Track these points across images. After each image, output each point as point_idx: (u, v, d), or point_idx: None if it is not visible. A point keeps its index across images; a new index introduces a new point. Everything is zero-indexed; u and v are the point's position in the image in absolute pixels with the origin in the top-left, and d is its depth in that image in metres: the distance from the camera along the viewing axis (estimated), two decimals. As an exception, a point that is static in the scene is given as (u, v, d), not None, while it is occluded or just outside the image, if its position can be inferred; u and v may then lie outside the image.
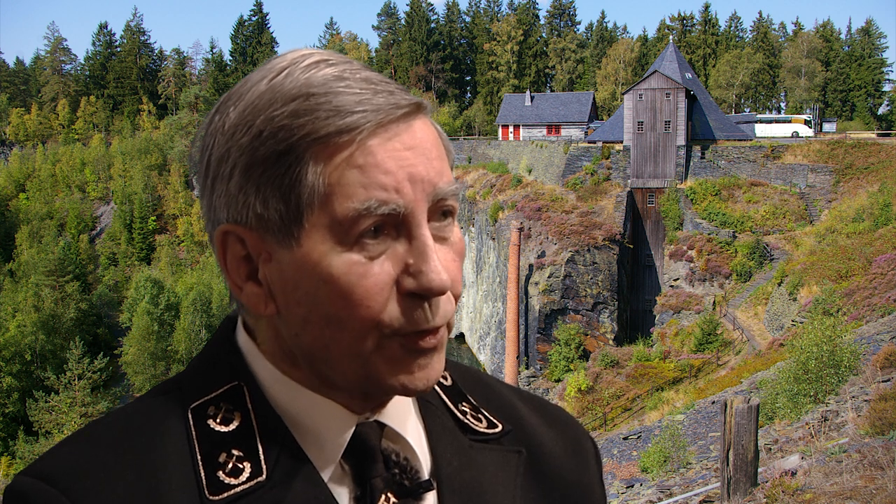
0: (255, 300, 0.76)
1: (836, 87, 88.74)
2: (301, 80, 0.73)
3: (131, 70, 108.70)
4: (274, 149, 0.71)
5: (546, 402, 0.99)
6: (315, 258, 0.72)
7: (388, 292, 0.73)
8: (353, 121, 0.71)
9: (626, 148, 48.76)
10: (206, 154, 0.77)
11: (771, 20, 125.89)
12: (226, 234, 0.76)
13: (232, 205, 0.75)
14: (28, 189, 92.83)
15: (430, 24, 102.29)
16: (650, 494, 11.33)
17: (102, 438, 0.77)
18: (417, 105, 0.75)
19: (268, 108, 0.72)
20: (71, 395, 48.63)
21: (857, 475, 6.59)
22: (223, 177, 0.75)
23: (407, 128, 0.73)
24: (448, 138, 0.81)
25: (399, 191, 0.71)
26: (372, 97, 0.72)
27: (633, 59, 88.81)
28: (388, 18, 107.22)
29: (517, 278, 43.63)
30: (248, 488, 0.74)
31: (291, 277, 0.73)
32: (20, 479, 0.74)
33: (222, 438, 0.76)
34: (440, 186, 0.75)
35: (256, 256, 0.76)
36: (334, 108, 0.71)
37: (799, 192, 45.09)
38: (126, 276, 76.92)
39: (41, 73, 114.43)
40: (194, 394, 0.79)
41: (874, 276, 29.20)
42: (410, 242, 0.73)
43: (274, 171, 0.72)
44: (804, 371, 13.76)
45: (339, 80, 0.73)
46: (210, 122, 0.77)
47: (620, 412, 31.59)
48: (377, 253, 0.72)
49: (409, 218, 0.72)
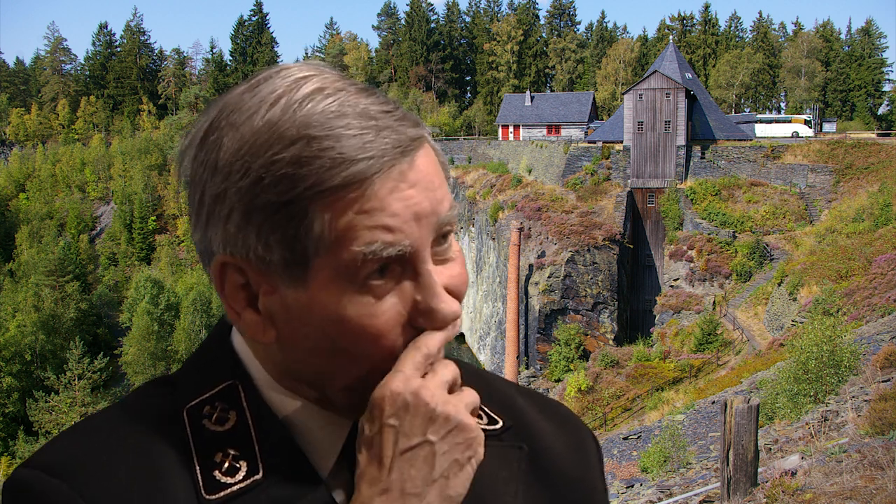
0: (254, 328, 0.75)
1: (836, 87, 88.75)
2: (298, 118, 0.69)
3: (131, 70, 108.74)
4: (277, 198, 0.69)
5: (547, 399, 0.98)
6: (324, 300, 0.71)
7: (399, 329, 0.73)
8: (360, 171, 0.69)
9: (626, 148, 48.76)
10: (200, 189, 0.73)
11: (771, 20, 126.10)
12: (224, 266, 0.74)
13: (230, 242, 0.72)
14: (28, 189, 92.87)
15: (430, 24, 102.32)
16: (650, 494, 11.33)
17: (100, 432, 0.76)
18: (420, 140, 0.74)
19: (266, 150, 0.69)
20: (71, 395, 48.64)
21: (857, 475, 6.59)
22: (220, 216, 0.72)
23: (410, 164, 0.72)
24: (443, 153, 0.79)
25: (405, 231, 0.71)
26: (375, 138, 0.70)
27: (633, 59, 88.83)
28: (388, 18, 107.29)
29: (517, 278, 43.64)
30: (245, 487, 0.74)
31: (297, 315, 0.72)
32: (20, 472, 0.73)
33: (218, 438, 0.76)
34: (443, 217, 0.74)
35: (257, 287, 0.74)
36: (339, 155, 0.68)
37: (799, 192, 45.09)
38: (126, 276, 76.94)
39: (41, 73, 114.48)
40: (189, 393, 0.79)
41: (874, 276, 29.20)
42: (416, 280, 0.73)
43: (277, 219, 0.70)
44: (804, 371, 13.75)
45: (340, 118, 0.70)
46: (202, 148, 0.73)
47: (620, 412, 31.59)
48: (385, 292, 0.72)
49: (414, 256, 0.72)
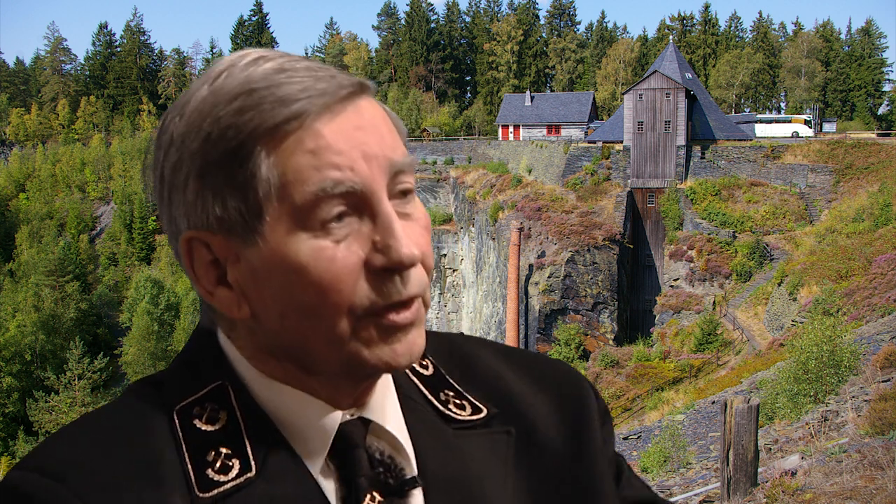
0: (228, 303, 0.76)
1: (836, 87, 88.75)
2: (241, 77, 0.73)
3: (131, 70, 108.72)
4: (224, 148, 0.72)
5: (537, 361, 0.96)
6: (282, 250, 0.72)
7: (357, 274, 0.73)
8: (299, 107, 0.71)
9: (626, 148, 48.76)
10: (160, 167, 0.76)
11: (771, 20, 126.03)
12: (190, 241, 0.76)
13: (191, 212, 0.74)
14: (28, 189, 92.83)
15: (430, 24, 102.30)
16: (650, 494, 11.30)
17: (93, 433, 0.75)
18: (361, 85, 0.75)
19: (212, 110, 0.72)
20: (71, 395, 48.66)
21: (857, 475, 6.59)
22: (178, 186, 0.74)
23: (354, 108, 0.74)
24: (398, 117, 0.80)
25: (353, 169, 0.72)
26: (314, 83, 0.73)
27: (633, 59, 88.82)
28: (388, 18, 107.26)
29: (517, 278, 43.65)
30: (239, 484, 0.74)
31: (262, 274, 0.73)
32: (14, 475, 0.72)
33: (209, 437, 0.76)
34: (395, 160, 0.75)
35: (224, 259, 0.75)
36: (278, 98, 0.71)
37: (799, 192, 45.09)
38: (126, 276, 76.93)
39: (41, 73, 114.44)
40: (178, 394, 0.78)
41: (874, 276, 29.20)
42: (374, 221, 0.73)
43: (227, 170, 0.72)
44: (804, 371, 13.75)
45: (280, 73, 0.73)
46: (160, 135, 0.77)
47: (620, 412, 31.58)
48: (342, 236, 0.72)
49: (368, 196, 0.73)
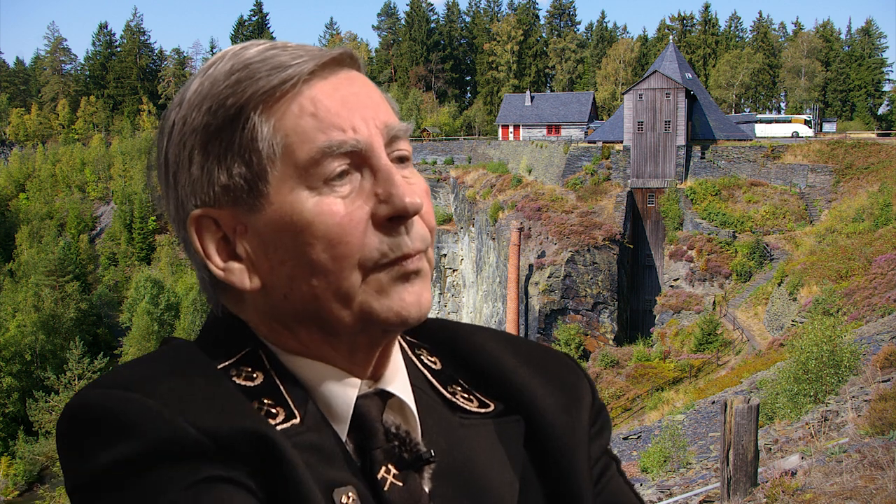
0: (240, 276, 0.78)
1: (836, 87, 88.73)
2: (235, 59, 0.78)
3: (131, 70, 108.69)
4: (224, 116, 0.75)
5: (540, 352, 0.97)
6: (287, 210, 0.74)
7: (363, 226, 0.75)
8: (293, 71, 0.75)
9: (626, 148, 48.75)
10: (163, 153, 0.79)
11: (771, 20, 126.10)
12: (199, 219, 0.78)
13: (198, 188, 0.77)
14: (28, 189, 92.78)
15: (430, 24, 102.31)
16: (650, 494, 11.32)
17: (151, 361, 0.76)
18: (349, 53, 0.80)
19: (210, 89, 0.76)
20: (71, 395, 48.62)
21: (857, 475, 6.59)
22: (183, 164, 0.78)
23: (346, 75, 0.79)
24: (392, 98, 0.84)
25: (355, 129, 0.75)
26: (306, 53, 0.78)
27: (633, 59, 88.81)
28: (388, 18, 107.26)
29: (517, 278, 43.64)
30: (287, 429, 0.75)
31: (270, 238, 0.76)
32: (90, 392, 0.71)
33: (250, 391, 0.77)
34: (391, 123, 0.78)
35: (232, 233, 0.78)
36: (272, 66, 0.75)
37: (799, 192, 45.09)
38: (126, 276, 76.90)
39: (41, 73, 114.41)
40: (212, 360, 0.79)
41: (874, 276, 29.21)
42: (375, 175, 0.76)
43: (229, 137, 0.75)
44: (804, 371, 13.75)
45: (272, 49, 0.78)
46: (161, 128, 0.81)
47: (620, 412, 31.58)
48: (346, 192, 0.75)
49: (368, 153, 0.76)
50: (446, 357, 0.93)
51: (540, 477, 0.88)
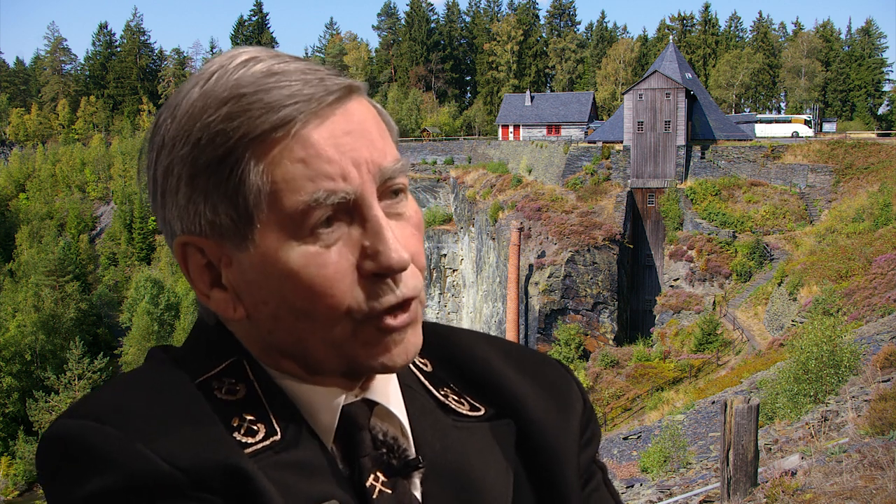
0: (224, 305, 0.77)
1: (836, 87, 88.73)
2: (231, 81, 0.73)
3: (131, 70, 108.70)
4: (213, 155, 0.72)
5: (532, 358, 0.97)
6: (273, 256, 0.72)
7: (350, 278, 0.73)
8: (287, 114, 0.71)
9: (626, 148, 48.75)
10: (152, 170, 0.77)
11: (771, 20, 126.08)
12: (184, 246, 0.76)
13: (184, 216, 0.75)
14: (28, 189, 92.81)
15: (430, 24, 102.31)
16: (650, 494, 11.32)
17: (130, 386, 0.75)
18: (349, 87, 0.75)
19: (202, 114, 0.72)
20: (71, 395, 48.64)
21: (857, 475, 6.59)
22: (171, 190, 0.75)
23: (343, 112, 0.74)
24: (389, 115, 0.80)
25: (345, 177, 0.72)
26: (302, 88, 0.72)
27: (633, 59, 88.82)
28: (388, 18, 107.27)
29: (517, 278, 43.64)
30: (266, 446, 0.74)
31: (254, 278, 0.74)
32: (65, 423, 0.70)
33: (231, 406, 0.76)
34: (385, 166, 0.75)
35: (217, 262, 0.76)
36: (266, 104, 0.71)
37: (799, 192, 45.09)
38: (126, 276, 76.91)
39: (41, 73, 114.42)
40: (194, 372, 0.78)
41: (874, 276, 29.21)
42: (364, 226, 0.74)
43: (217, 177, 0.72)
44: (804, 371, 13.76)
45: (269, 76, 0.73)
46: (152, 137, 0.77)
47: (620, 412, 31.59)
48: (333, 241, 0.73)
49: (359, 202, 0.73)
50: (437, 360, 0.92)
51: (530, 482, 0.87)
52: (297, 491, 0.73)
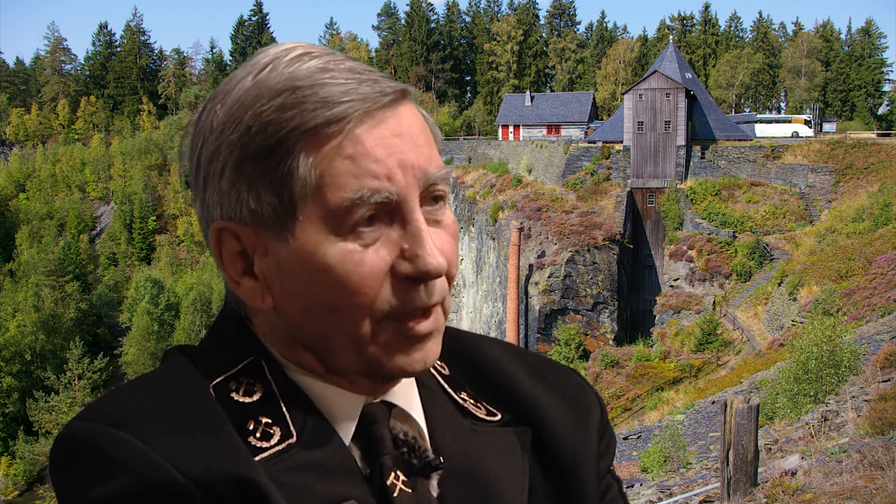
0: (253, 294, 0.77)
1: (836, 87, 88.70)
2: (286, 73, 0.73)
3: (131, 70, 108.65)
4: (263, 143, 0.72)
5: (547, 365, 0.97)
6: (311, 249, 0.73)
7: (383, 278, 0.74)
8: (341, 111, 0.72)
9: (626, 148, 48.75)
10: (196, 153, 0.77)
11: (771, 20, 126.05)
12: (221, 231, 0.77)
13: (225, 202, 0.76)
14: (28, 189, 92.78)
15: (430, 24, 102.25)
16: (650, 494, 11.32)
17: (145, 390, 0.75)
18: (403, 91, 0.76)
19: (255, 103, 0.73)
20: (71, 395, 48.68)
21: (857, 475, 6.59)
22: (214, 175, 0.75)
23: (394, 114, 0.74)
24: (434, 124, 0.81)
25: (391, 178, 0.73)
26: (357, 86, 0.73)
27: (633, 59, 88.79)
28: (388, 18, 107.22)
29: (517, 278, 43.63)
30: (282, 450, 0.74)
31: (289, 270, 0.74)
32: (78, 425, 0.70)
33: (248, 408, 0.76)
34: (430, 172, 0.76)
35: (252, 251, 0.76)
36: (321, 99, 0.72)
37: (799, 192, 45.09)
38: (126, 276, 76.90)
39: (41, 73, 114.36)
40: (213, 370, 0.78)
41: (874, 276, 29.20)
42: (404, 228, 0.74)
43: (265, 165, 0.73)
44: (804, 371, 13.75)
45: (324, 72, 0.74)
46: (198, 121, 0.78)
47: (620, 412, 31.58)
48: (372, 240, 0.73)
49: (402, 204, 0.74)
50: (453, 364, 0.92)
51: (547, 490, 0.87)
52: (315, 493, 0.73)
